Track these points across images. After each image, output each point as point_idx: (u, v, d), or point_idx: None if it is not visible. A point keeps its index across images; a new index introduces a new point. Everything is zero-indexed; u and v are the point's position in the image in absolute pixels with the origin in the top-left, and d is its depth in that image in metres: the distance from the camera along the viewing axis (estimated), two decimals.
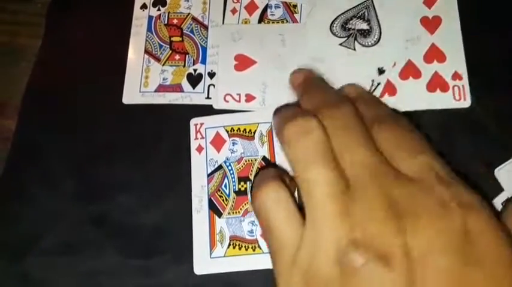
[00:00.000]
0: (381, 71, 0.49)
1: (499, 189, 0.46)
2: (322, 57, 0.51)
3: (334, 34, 0.52)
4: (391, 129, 0.37)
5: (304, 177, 0.33)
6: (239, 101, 0.50)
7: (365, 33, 0.51)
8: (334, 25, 0.52)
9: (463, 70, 0.51)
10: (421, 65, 0.51)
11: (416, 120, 0.49)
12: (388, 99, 0.50)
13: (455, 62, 0.51)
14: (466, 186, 0.34)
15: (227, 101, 0.50)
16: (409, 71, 0.51)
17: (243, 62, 0.52)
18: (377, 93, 0.49)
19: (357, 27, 0.51)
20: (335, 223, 0.30)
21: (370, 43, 0.51)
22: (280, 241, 0.33)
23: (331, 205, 0.31)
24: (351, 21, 0.52)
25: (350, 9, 0.53)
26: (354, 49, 0.51)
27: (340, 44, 0.51)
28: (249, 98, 0.51)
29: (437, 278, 0.27)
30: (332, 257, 0.29)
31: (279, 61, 0.52)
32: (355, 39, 0.51)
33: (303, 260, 0.31)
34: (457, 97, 0.50)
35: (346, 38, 0.51)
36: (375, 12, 0.52)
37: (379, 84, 0.49)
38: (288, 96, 0.50)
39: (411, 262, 0.28)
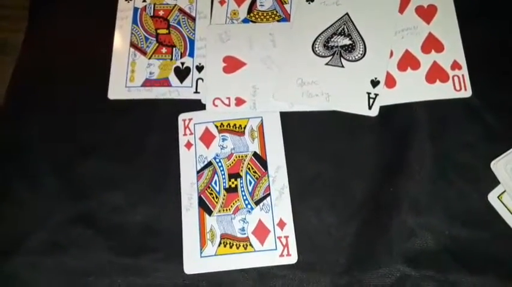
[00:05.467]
0: (374, 83, 0.51)
1: (496, 182, 0.48)
2: (314, 80, 0.51)
3: (318, 55, 0.52)
4: None
5: None
6: (229, 105, 0.51)
7: (349, 48, 0.52)
8: (316, 46, 0.52)
9: (462, 59, 0.52)
10: (419, 55, 0.53)
11: (414, 110, 0.51)
12: (387, 92, 0.51)
13: (454, 51, 0.52)
14: None
15: (216, 106, 0.52)
16: (407, 61, 0.52)
17: (231, 64, 0.53)
18: (376, 105, 0.50)
19: (339, 44, 0.52)
20: None
21: (356, 57, 0.52)
22: None
23: None
24: (332, 39, 0.52)
25: (328, 27, 0.53)
26: (342, 66, 0.52)
27: (327, 64, 0.52)
28: (239, 101, 0.52)
29: None
30: None
31: (269, 62, 0.53)
32: (341, 56, 0.52)
33: None
34: (458, 87, 0.51)
35: (331, 57, 0.52)
36: (354, 25, 0.53)
37: (376, 95, 0.50)
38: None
39: None
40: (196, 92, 0.53)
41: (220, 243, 0.48)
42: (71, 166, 0.51)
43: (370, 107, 0.50)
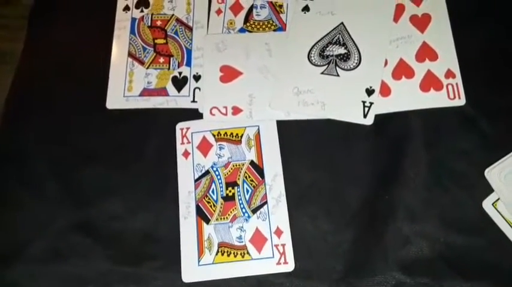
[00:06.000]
0: (369, 92, 0.51)
1: (490, 189, 0.48)
2: (309, 88, 0.52)
3: (313, 64, 0.53)
4: None
5: None
6: (226, 114, 0.52)
7: (344, 57, 0.53)
8: (312, 55, 0.53)
9: (455, 68, 0.53)
10: (413, 63, 0.53)
11: (408, 118, 0.51)
12: (382, 101, 0.52)
13: (448, 60, 0.53)
14: None
15: (213, 115, 0.52)
16: (402, 70, 0.53)
17: (228, 74, 0.54)
18: (371, 113, 0.51)
19: (334, 53, 0.53)
20: None
21: (351, 66, 0.53)
22: None
23: None
24: (327, 49, 0.53)
25: (324, 36, 0.54)
26: (337, 75, 0.52)
27: (322, 73, 0.53)
28: (236, 110, 0.52)
29: None
30: None
31: (265, 72, 0.54)
32: (336, 65, 0.53)
33: None
34: (452, 96, 0.52)
35: (326, 66, 0.53)
36: (349, 35, 0.54)
37: (371, 104, 0.51)
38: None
39: None
40: (193, 101, 0.54)
41: (217, 251, 0.48)
42: (70, 174, 0.52)
43: (365, 116, 0.51)
